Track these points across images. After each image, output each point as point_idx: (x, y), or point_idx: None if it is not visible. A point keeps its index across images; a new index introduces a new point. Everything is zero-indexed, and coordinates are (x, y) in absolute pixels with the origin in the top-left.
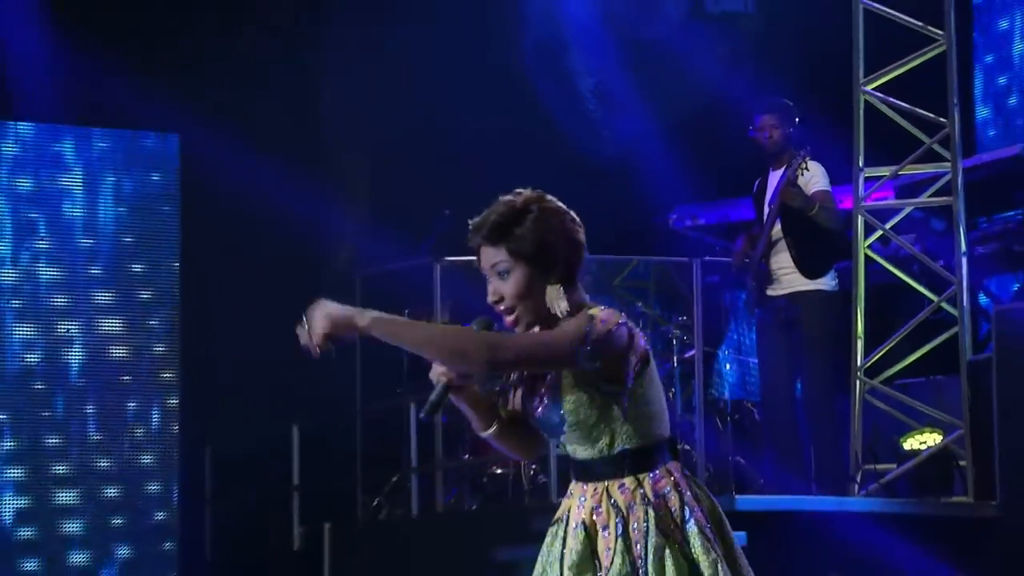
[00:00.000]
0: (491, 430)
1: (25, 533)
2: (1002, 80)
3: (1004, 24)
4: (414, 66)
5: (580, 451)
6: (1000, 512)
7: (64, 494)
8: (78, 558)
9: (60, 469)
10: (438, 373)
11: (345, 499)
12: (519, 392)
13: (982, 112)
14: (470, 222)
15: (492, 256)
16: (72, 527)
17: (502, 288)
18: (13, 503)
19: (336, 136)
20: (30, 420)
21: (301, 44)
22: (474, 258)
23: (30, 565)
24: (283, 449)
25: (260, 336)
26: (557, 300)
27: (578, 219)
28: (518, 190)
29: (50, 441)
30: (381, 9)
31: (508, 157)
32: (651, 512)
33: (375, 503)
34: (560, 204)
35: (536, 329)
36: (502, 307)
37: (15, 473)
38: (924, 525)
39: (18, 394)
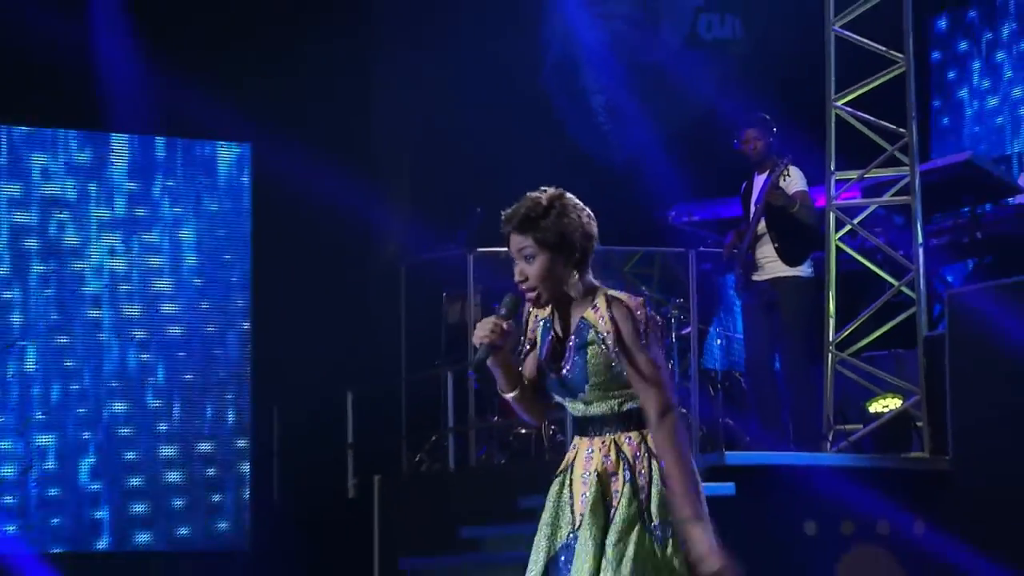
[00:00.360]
0: (515, 392)
1: (134, 481)
2: (962, 94)
3: (964, 46)
4: (450, 84)
5: (594, 408)
6: (951, 466)
7: (167, 449)
8: (176, 504)
9: (162, 427)
10: (480, 337)
11: (392, 455)
12: (535, 360)
13: (942, 122)
14: (503, 213)
15: (520, 242)
16: (172, 476)
17: (527, 270)
18: (128, 456)
19: (383, 144)
20: (134, 393)
21: (355, 65)
22: (502, 249)
23: (138, 508)
24: (339, 412)
25: (320, 316)
26: (571, 284)
27: (592, 215)
28: (543, 188)
29: (153, 403)
30: (422, 35)
31: (530, 161)
32: (655, 462)
33: (417, 458)
34: (579, 202)
35: (550, 308)
36: (525, 286)
37: (125, 431)
38: (886, 477)
39: (123, 371)
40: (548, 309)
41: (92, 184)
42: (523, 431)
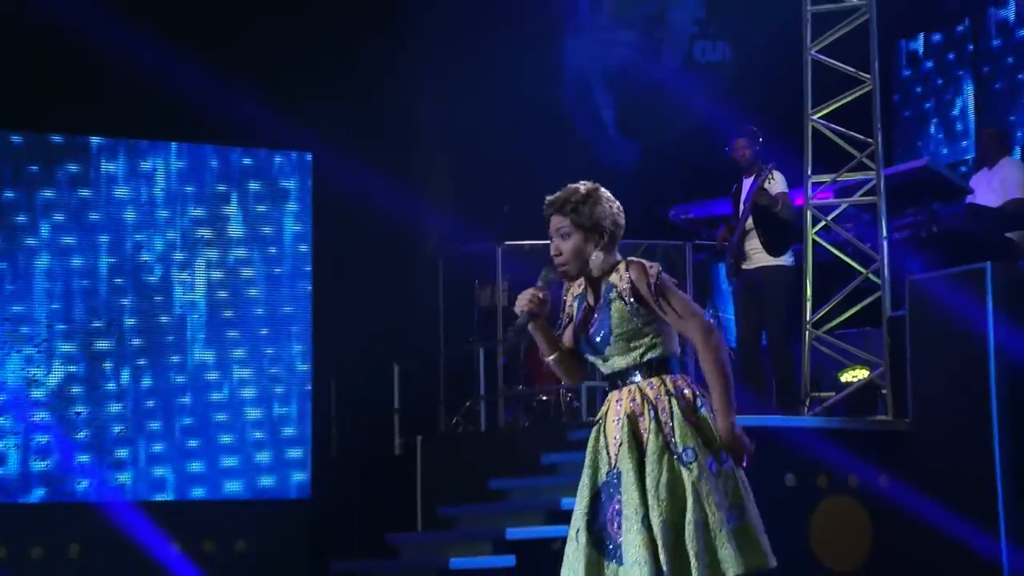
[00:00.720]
0: (554, 355)
1: (224, 438)
2: (927, 105)
3: (929, 64)
4: (483, 99)
5: (619, 361)
6: (911, 427)
7: (250, 412)
8: (254, 459)
9: (245, 393)
10: (521, 305)
11: (432, 418)
12: (572, 331)
13: (909, 130)
14: (546, 198)
15: (559, 223)
16: (252, 435)
17: (562, 246)
18: (218, 418)
19: (426, 153)
20: (224, 365)
21: (402, 83)
22: (526, 242)
23: (195, 466)
24: (387, 382)
25: (371, 300)
26: (595, 262)
27: (622, 208)
28: (583, 181)
29: (238, 373)
30: (461, 57)
31: (550, 166)
32: (673, 400)
33: (454, 421)
34: (611, 195)
35: (580, 281)
36: (559, 260)
37: (217, 396)
38: (855, 437)
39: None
40: (582, 286)
41: (189, 187)
42: (544, 398)
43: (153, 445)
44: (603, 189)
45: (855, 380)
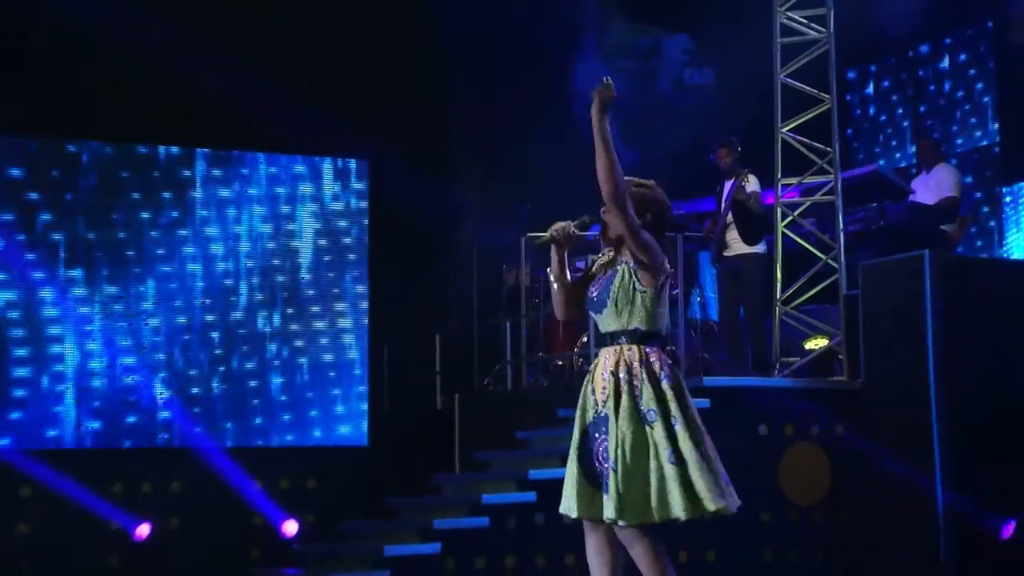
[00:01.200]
0: (557, 284)
1: (283, 398)
2: (882, 118)
3: (870, 89)
4: (510, 112)
5: (610, 323)
6: (862, 386)
7: (313, 374)
8: (332, 411)
9: (304, 360)
10: (552, 229)
11: (467, 379)
12: (584, 283)
13: (855, 143)
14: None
15: (606, 209)
16: (311, 395)
17: (606, 218)
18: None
19: (463, 157)
20: (308, 334)
21: (442, 99)
22: (544, 234)
23: (284, 417)
24: (430, 349)
25: (416, 283)
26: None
27: (667, 199)
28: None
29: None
30: (492, 75)
31: (565, 172)
32: (644, 369)
33: (485, 382)
34: (662, 192)
35: (609, 257)
36: (603, 231)
37: (302, 360)
38: (816, 394)
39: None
40: (608, 257)
41: (252, 189)
42: (559, 363)
43: (251, 400)
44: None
45: (817, 347)
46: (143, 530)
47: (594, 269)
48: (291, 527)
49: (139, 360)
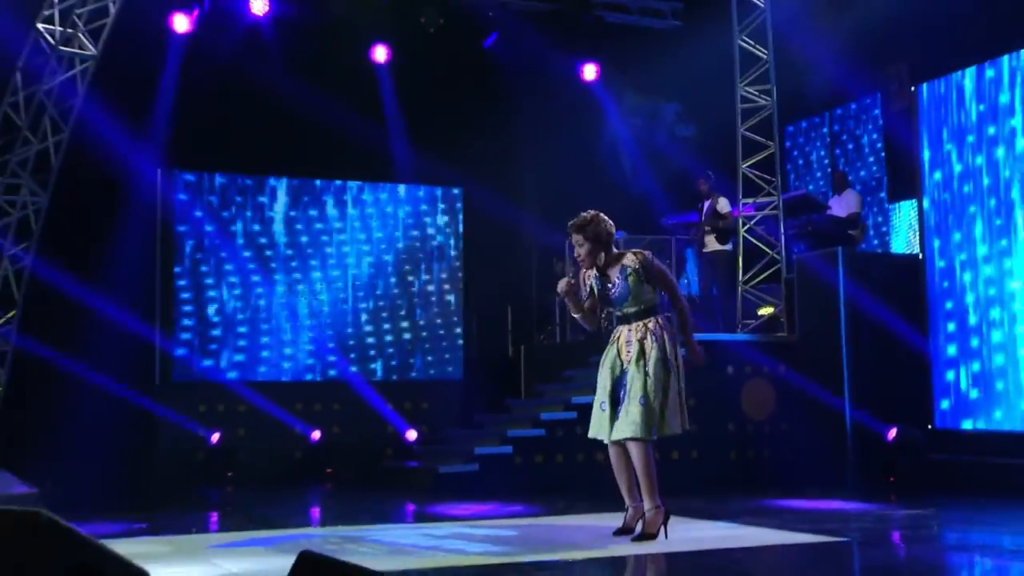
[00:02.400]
0: (579, 314)
1: (408, 348)
2: (812, 156)
3: (801, 138)
4: (558, 151)
5: (630, 308)
6: (797, 340)
7: (424, 333)
8: (440, 355)
9: (424, 333)
10: (559, 287)
11: (529, 336)
12: (592, 298)
13: (792, 175)
14: (569, 223)
15: (577, 238)
16: (426, 347)
17: (581, 251)
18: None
19: (527, 183)
20: (430, 313)
21: (511, 142)
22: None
23: (410, 361)
24: (504, 316)
25: (495, 274)
26: (602, 258)
27: (612, 225)
28: (590, 210)
29: (416, 320)
30: (548, 133)
31: (594, 192)
32: (661, 330)
33: (541, 337)
34: (606, 217)
35: (593, 270)
36: (580, 259)
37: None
38: (766, 345)
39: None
40: (594, 271)
41: (388, 208)
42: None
43: (387, 351)
44: (601, 215)
45: (767, 314)
46: (316, 435)
47: (592, 283)
48: (412, 434)
49: (314, 323)
